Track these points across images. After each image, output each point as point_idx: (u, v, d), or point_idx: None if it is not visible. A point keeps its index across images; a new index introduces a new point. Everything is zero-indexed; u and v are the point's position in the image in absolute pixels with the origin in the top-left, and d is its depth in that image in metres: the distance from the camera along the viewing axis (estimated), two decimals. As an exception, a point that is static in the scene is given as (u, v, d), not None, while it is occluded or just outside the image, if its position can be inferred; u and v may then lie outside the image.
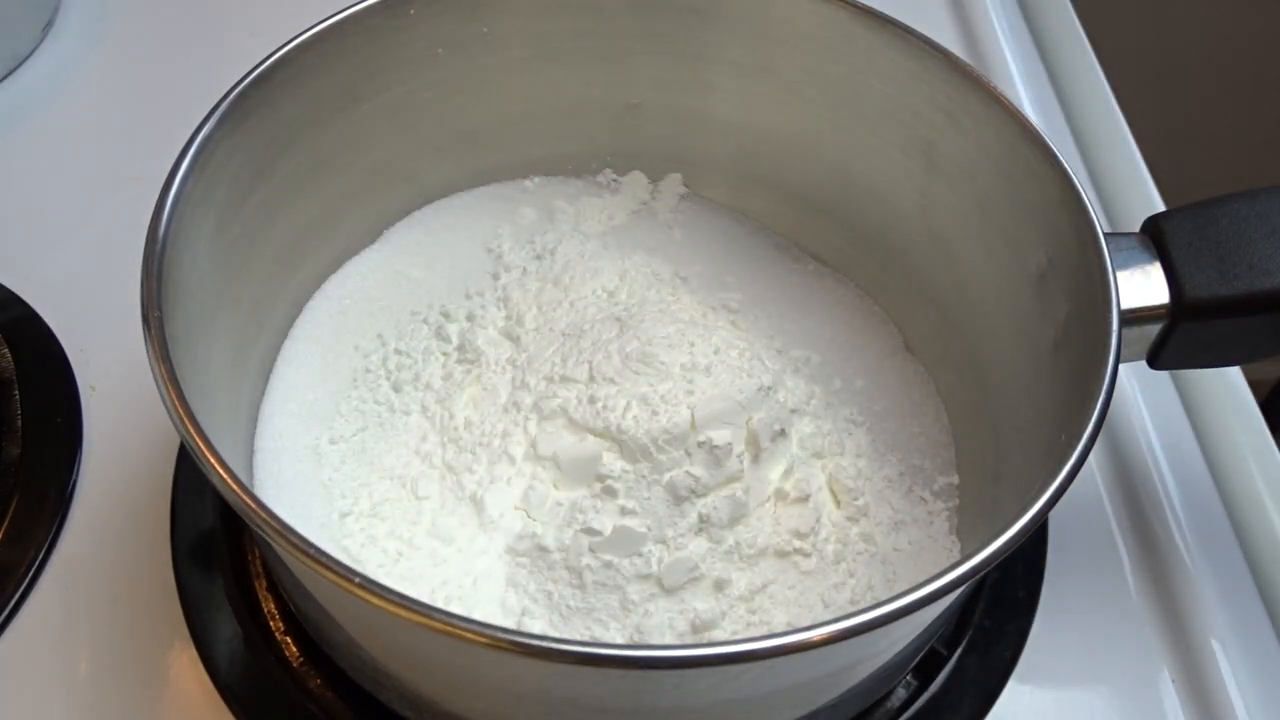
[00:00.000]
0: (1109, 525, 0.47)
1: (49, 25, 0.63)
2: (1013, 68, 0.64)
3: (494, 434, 0.40)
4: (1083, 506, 0.48)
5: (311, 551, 0.28)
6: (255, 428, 0.41)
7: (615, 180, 0.50)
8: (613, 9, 0.44)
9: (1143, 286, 0.38)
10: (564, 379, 0.40)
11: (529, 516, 0.38)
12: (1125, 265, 0.37)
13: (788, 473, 0.40)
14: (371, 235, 0.47)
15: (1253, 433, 0.50)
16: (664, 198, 0.50)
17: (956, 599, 0.36)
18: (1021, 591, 0.44)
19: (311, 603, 0.36)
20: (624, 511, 0.37)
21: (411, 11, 0.41)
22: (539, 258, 0.47)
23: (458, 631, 0.27)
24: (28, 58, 0.61)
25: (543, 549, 0.37)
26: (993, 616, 0.43)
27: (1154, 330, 0.38)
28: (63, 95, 0.60)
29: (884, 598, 0.38)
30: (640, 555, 0.37)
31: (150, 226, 0.34)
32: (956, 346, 0.45)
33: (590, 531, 0.37)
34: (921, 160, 0.43)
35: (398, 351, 0.44)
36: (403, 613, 0.27)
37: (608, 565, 0.37)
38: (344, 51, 0.41)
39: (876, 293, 0.48)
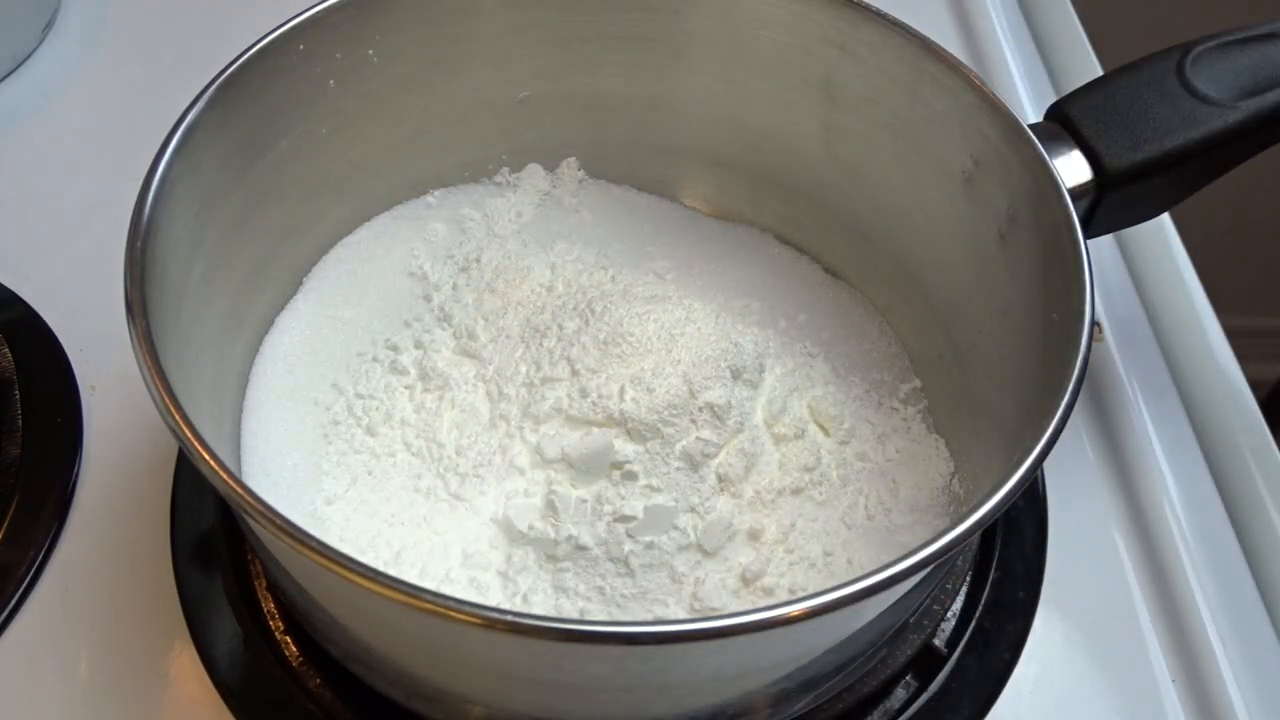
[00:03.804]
0: (1109, 526, 0.47)
1: (49, 25, 0.63)
2: (1013, 67, 0.64)
3: (491, 451, 0.40)
4: (1083, 507, 0.48)
5: (296, 533, 0.28)
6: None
7: (515, 177, 0.50)
8: (489, 7, 0.44)
9: (1067, 168, 0.40)
10: (546, 380, 0.40)
11: (556, 520, 0.38)
12: (1049, 153, 0.39)
13: (778, 416, 0.41)
14: (292, 286, 0.45)
15: (1253, 433, 0.50)
16: (564, 184, 0.50)
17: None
18: (1021, 592, 0.44)
19: (307, 597, 0.36)
20: (649, 491, 0.38)
21: (301, 47, 0.40)
22: (464, 269, 0.46)
23: (446, 611, 0.27)
24: (28, 58, 0.61)
25: (582, 548, 0.37)
26: (993, 617, 0.43)
27: (1083, 206, 0.41)
28: (63, 95, 0.60)
29: (892, 507, 0.40)
30: (677, 528, 0.38)
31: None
32: (883, 262, 0.47)
33: (624, 518, 0.37)
34: (819, 96, 0.45)
35: (359, 396, 0.42)
36: (392, 594, 0.27)
37: (649, 546, 0.37)
38: (241, 104, 0.39)
39: (788, 229, 0.50)
